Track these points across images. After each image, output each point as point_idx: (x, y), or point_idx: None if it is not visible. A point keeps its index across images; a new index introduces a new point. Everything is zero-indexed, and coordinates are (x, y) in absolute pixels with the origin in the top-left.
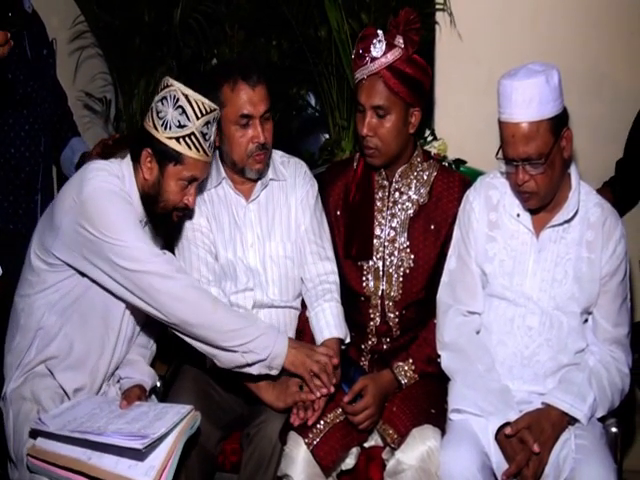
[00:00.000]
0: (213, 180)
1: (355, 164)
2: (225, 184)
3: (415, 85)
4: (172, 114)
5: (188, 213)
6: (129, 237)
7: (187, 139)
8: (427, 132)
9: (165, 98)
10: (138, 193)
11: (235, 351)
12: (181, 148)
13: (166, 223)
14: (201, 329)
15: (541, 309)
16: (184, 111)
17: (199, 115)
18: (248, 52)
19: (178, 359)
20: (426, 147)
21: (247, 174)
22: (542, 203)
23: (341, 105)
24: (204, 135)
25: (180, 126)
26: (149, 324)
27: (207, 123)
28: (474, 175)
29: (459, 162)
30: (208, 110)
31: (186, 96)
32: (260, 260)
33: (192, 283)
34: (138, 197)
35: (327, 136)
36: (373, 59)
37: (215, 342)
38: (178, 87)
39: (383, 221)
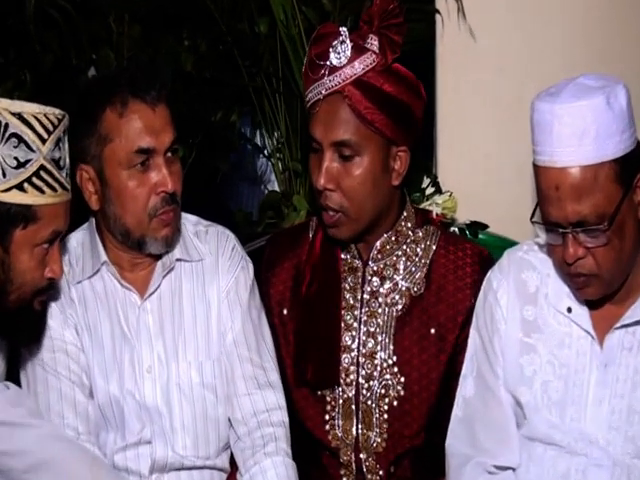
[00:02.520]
0: (86, 266)
1: (312, 234)
2: (106, 272)
3: (399, 110)
4: (2, 152)
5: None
6: None
7: (35, 179)
8: (425, 182)
9: None
10: None
11: None
12: (29, 197)
13: (19, 322)
14: None
15: (612, 458)
16: (21, 140)
17: (45, 135)
18: (145, 57)
19: None
20: (423, 205)
21: (148, 248)
22: (606, 291)
23: (293, 138)
24: (57, 162)
25: (19, 165)
26: None
27: (58, 142)
28: (498, 247)
29: (475, 227)
30: (55, 121)
31: (18, 115)
32: (162, 393)
33: (54, 433)
34: None
35: (271, 187)
36: (333, 70)
37: None
38: (1, 107)
39: (355, 324)
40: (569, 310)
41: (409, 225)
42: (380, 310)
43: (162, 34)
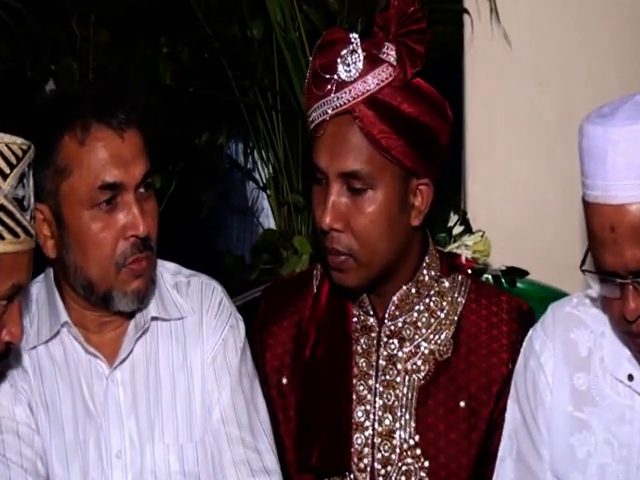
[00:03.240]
0: (42, 328)
1: (316, 284)
2: (67, 335)
3: (420, 135)
4: None
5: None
6: None
7: None
8: (451, 219)
9: None
10: None
11: None
12: None
13: None
14: None
15: None
16: None
17: (6, 170)
18: (115, 68)
19: None
20: (449, 248)
21: (116, 304)
22: None
23: (292, 165)
24: (20, 202)
25: None
26: None
27: (22, 178)
28: (541, 299)
29: (513, 274)
30: (19, 153)
31: None
32: None
33: None
34: None
35: (267, 225)
36: (341, 85)
37: None
38: None
39: (369, 396)
40: (630, 378)
41: (432, 273)
42: (399, 379)
43: (135, 40)
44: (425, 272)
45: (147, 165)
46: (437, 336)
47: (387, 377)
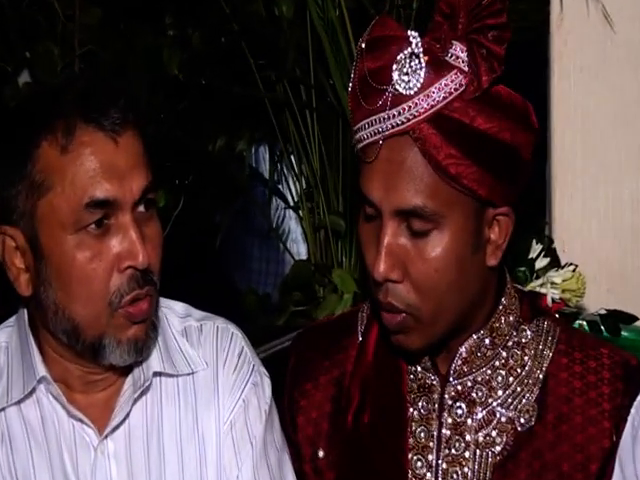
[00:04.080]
0: (14, 385)
1: (361, 331)
2: (45, 394)
3: (499, 155)
4: None
5: None
6: None
7: None
8: (534, 249)
9: None
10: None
11: None
12: None
13: None
14: None
15: None
16: None
17: None
18: (108, 56)
19: None
20: (530, 287)
21: (108, 356)
22: None
23: (331, 179)
24: None
25: None
26: None
27: None
28: None
29: (616, 319)
30: None
31: None
32: None
33: None
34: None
35: (299, 255)
36: (398, 100)
37: None
38: None
39: (429, 475)
40: None
41: (511, 319)
42: (468, 454)
43: (134, 21)
44: (502, 318)
45: (148, 177)
46: (517, 399)
47: (452, 451)
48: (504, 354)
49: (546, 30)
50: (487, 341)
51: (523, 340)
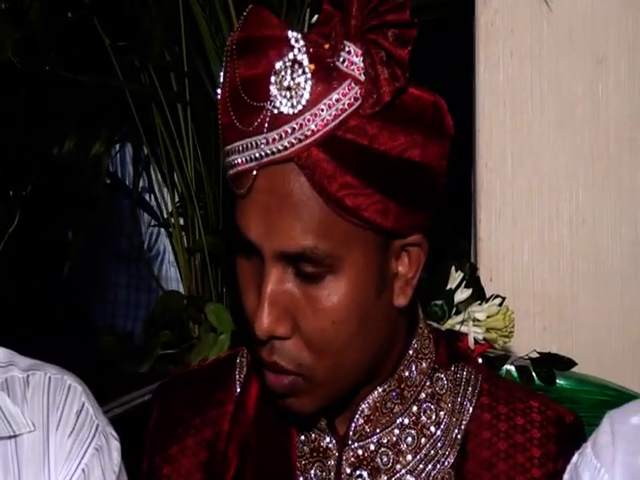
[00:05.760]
0: None
1: (240, 379)
2: None
3: (406, 179)
4: None
5: None
6: None
7: None
8: (453, 277)
9: None
10: None
11: None
12: None
13: None
14: None
15: None
16: None
17: None
18: None
19: None
20: (448, 324)
21: None
22: None
23: (209, 188)
24: None
25: None
26: None
27: None
28: (595, 405)
29: (550, 366)
30: None
31: None
32: None
33: None
34: None
35: (169, 284)
36: (278, 120)
37: None
38: None
39: None
40: None
41: (423, 366)
42: None
43: None
44: (412, 365)
45: None
46: (430, 465)
47: None
48: (415, 409)
49: (470, 6)
50: (394, 394)
51: (438, 391)
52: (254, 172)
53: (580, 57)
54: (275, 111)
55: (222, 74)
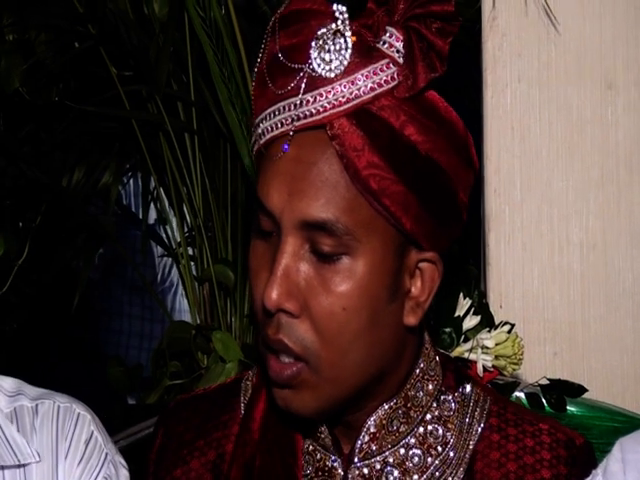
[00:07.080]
0: None
1: (244, 402)
2: None
3: (431, 182)
4: None
5: None
6: None
7: None
8: (462, 304)
9: None
10: None
11: None
12: None
13: None
14: None
15: None
16: None
17: None
18: None
19: None
20: (457, 351)
21: None
22: None
23: (218, 220)
24: None
25: None
26: None
27: None
28: (607, 431)
29: (561, 392)
30: None
31: None
32: None
33: None
34: None
35: (179, 315)
36: (315, 82)
37: None
38: None
39: None
40: None
41: (430, 388)
42: None
43: None
44: (418, 384)
45: None
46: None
47: None
48: (421, 430)
49: (477, 30)
50: (400, 412)
51: (445, 413)
52: (290, 134)
53: (589, 81)
54: (313, 73)
55: (261, 55)
